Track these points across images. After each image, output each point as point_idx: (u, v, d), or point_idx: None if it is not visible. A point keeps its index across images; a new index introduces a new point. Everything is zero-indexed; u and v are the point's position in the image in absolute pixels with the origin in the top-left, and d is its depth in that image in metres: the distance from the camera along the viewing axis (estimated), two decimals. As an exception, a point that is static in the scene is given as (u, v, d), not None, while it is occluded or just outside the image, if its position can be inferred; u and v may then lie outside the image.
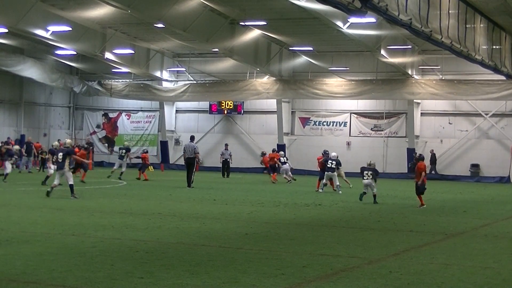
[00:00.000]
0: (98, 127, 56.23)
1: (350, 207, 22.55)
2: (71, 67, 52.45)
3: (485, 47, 34.05)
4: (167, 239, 13.82)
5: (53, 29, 39.09)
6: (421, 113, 48.22)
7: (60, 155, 22.94)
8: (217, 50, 44.00)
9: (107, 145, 55.33)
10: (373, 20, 32.32)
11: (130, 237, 13.80)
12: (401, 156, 47.55)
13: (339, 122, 49.97)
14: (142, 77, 51.90)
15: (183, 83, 51.77)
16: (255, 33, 42.12)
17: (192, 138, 33.56)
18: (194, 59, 50.22)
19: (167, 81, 52.20)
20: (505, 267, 11.67)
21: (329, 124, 50.25)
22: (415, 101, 46.86)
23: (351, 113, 49.69)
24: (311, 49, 45.29)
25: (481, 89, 43.69)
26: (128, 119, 55.53)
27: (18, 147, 40.24)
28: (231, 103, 51.45)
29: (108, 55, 44.57)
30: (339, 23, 34.05)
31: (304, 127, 51.02)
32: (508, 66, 37.52)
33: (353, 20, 32.17)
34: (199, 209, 20.42)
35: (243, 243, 13.63)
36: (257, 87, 48.48)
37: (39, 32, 38.90)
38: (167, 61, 51.65)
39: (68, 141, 24.59)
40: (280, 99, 49.22)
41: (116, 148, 52.80)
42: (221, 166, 43.72)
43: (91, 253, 11.64)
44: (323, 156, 32.01)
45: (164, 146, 53.58)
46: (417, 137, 47.82)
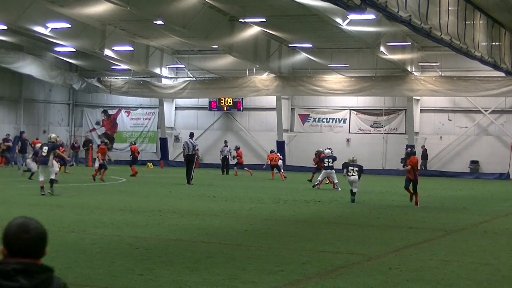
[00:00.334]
0: (97, 124, 56.21)
1: (349, 204, 22.56)
2: (70, 64, 52.40)
3: (484, 44, 34.10)
4: (167, 236, 13.84)
5: (53, 26, 39.09)
6: (421, 110, 48.20)
7: (44, 149, 22.78)
8: (216, 47, 43.98)
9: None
10: (372, 16, 32.31)
11: (130, 234, 13.81)
12: (401, 153, 47.34)
13: (339, 118, 49.95)
14: (141, 74, 51.87)
15: (182, 80, 51.74)
16: (255, 30, 42.11)
17: (191, 135, 33.56)
18: (193, 56, 50.18)
19: (166, 78, 52.17)
20: (504, 263, 11.69)
21: (328, 120, 50.24)
22: (414, 97, 46.85)
23: (350, 110, 49.67)
24: (311, 46, 45.26)
25: (481, 86, 43.67)
26: (127, 116, 55.50)
27: (39, 145, 39.88)
28: (230, 100, 51.44)
29: (107, 52, 44.54)
30: (339, 20, 34.03)
31: (303, 124, 51.00)
32: (507, 62, 37.56)
33: (353, 16, 32.15)
34: (198, 206, 20.43)
35: (243, 239, 13.65)
36: (257, 84, 48.46)
37: (39, 29, 38.90)
38: (166, 58, 51.63)
39: (53, 136, 24.24)
40: (279, 96, 49.19)
41: (115, 145, 52.83)
42: (221, 163, 43.82)
43: (91, 250, 11.66)
44: (316, 156, 32.37)
45: (163, 143, 53.56)
46: (417, 133, 47.81)
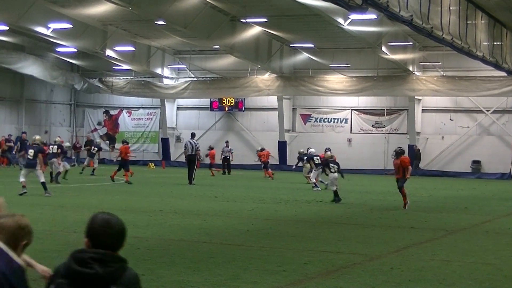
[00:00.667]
0: (99, 124, 56.24)
1: (351, 204, 22.56)
2: (72, 65, 52.41)
3: (486, 44, 34.07)
4: (169, 236, 13.84)
5: (54, 26, 39.10)
6: (422, 110, 48.16)
7: (30, 152, 22.64)
8: (218, 47, 43.98)
9: (108, 142, 55.31)
10: (374, 16, 32.31)
11: (131, 234, 13.73)
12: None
13: (340, 118, 49.93)
14: (143, 74, 51.89)
15: (184, 80, 51.76)
16: (256, 30, 42.10)
17: (193, 135, 33.56)
18: (195, 56, 50.17)
19: (168, 78, 52.19)
20: (506, 263, 11.68)
21: (330, 120, 50.22)
22: (416, 97, 46.81)
23: (352, 110, 49.65)
24: (312, 45, 45.24)
25: (482, 86, 43.63)
26: (129, 116, 55.53)
27: (69, 144, 39.92)
28: (232, 100, 51.45)
29: (109, 52, 44.56)
30: (340, 20, 34.02)
31: (305, 124, 50.99)
32: (509, 62, 37.52)
33: (354, 16, 32.15)
34: (200, 206, 20.43)
35: (244, 240, 13.65)
36: (258, 84, 48.45)
37: (40, 29, 38.92)
38: (168, 58, 51.64)
39: (37, 138, 23.98)
40: (281, 96, 49.19)
41: (117, 145, 52.84)
42: (222, 163, 43.88)
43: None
44: (298, 160, 33.26)
45: (165, 143, 53.58)
46: (418, 133, 47.77)
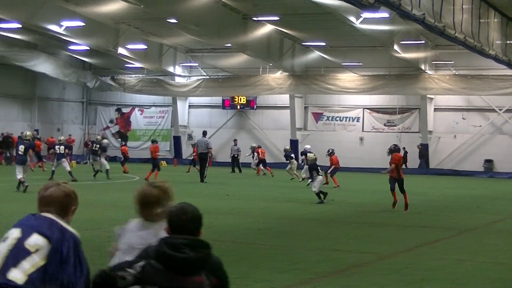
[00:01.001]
0: (111, 122, 56.39)
1: (362, 203, 22.53)
2: (84, 62, 52.55)
3: (498, 42, 33.90)
4: (180, 234, 13.85)
5: (66, 24, 39.19)
6: (434, 109, 48.04)
7: (21, 148, 22.57)
8: (229, 45, 43.97)
9: (120, 140, 55.46)
10: (386, 15, 32.20)
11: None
12: (414, 151, 47.37)
13: (352, 117, 49.86)
14: (155, 72, 51.96)
15: (196, 78, 51.80)
16: (268, 28, 42.07)
17: (204, 133, 33.59)
18: (206, 54, 50.18)
19: (180, 76, 52.25)
20: (518, 263, 11.65)
21: (342, 119, 50.16)
22: (428, 96, 46.69)
23: (364, 109, 49.58)
24: (324, 44, 45.18)
25: (495, 84, 43.47)
26: (141, 114, 55.66)
27: (106, 140, 39.11)
28: (244, 98, 51.46)
29: (121, 50, 44.64)
30: (352, 18, 33.96)
31: (317, 123, 50.95)
32: (522, 61, 37.33)
33: (366, 15, 32.07)
34: (211, 204, 20.44)
35: (256, 238, 13.66)
36: (270, 82, 48.43)
37: (53, 27, 39.01)
38: (180, 56, 51.68)
39: (28, 134, 23.89)
40: (293, 94, 49.16)
41: (128, 143, 52.95)
42: (231, 161, 44.01)
43: (105, 247, 11.67)
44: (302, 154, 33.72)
45: (177, 141, 53.67)
46: (430, 132, 47.65)
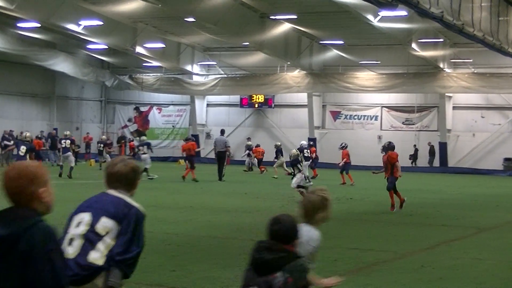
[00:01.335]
0: (129, 120, 56.59)
1: (381, 201, 22.45)
2: (102, 61, 52.78)
3: (518, 40, 33.72)
4: (199, 232, 13.89)
5: (85, 23, 39.37)
6: (453, 107, 47.81)
7: (22, 149, 22.57)
8: (247, 43, 43.99)
9: (138, 138, 55.63)
10: (404, 13, 32.09)
11: (161, 230, 13.89)
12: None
13: (370, 115, 49.72)
14: (173, 71, 52.07)
15: (213, 76, 51.86)
16: (285, 27, 42.03)
17: (222, 131, 33.66)
18: (224, 52, 50.23)
19: (197, 75, 52.33)
20: (538, 261, 11.57)
21: (360, 117, 50.04)
22: (446, 94, 46.47)
23: (382, 107, 49.44)
24: (342, 42, 45.09)
25: (514, 83, 43.25)
26: (159, 113, 55.81)
27: (145, 137, 39.44)
28: (262, 97, 51.48)
29: (139, 49, 44.79)
30: (370, 17, 33.87)
31: (335, 121, 50.87)
32: (541, 59, 37.11)
33: (384, 13, 31.94)
34: (230, 202, 20.48)
35: (274, 236, 13.63)
36: (288, 81, 48.41)
37: (71, 26, 39.20)
38: (197, 55, 51.75)
39: (27, 135, 23.88)
40: (310, 92, 49.09)
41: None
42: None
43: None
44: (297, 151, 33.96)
45: (195, 139, 53.71)
46: (449, 131, 47.43)
